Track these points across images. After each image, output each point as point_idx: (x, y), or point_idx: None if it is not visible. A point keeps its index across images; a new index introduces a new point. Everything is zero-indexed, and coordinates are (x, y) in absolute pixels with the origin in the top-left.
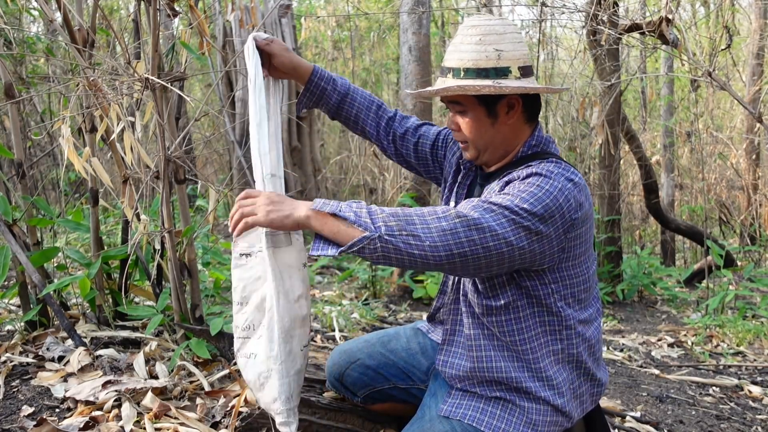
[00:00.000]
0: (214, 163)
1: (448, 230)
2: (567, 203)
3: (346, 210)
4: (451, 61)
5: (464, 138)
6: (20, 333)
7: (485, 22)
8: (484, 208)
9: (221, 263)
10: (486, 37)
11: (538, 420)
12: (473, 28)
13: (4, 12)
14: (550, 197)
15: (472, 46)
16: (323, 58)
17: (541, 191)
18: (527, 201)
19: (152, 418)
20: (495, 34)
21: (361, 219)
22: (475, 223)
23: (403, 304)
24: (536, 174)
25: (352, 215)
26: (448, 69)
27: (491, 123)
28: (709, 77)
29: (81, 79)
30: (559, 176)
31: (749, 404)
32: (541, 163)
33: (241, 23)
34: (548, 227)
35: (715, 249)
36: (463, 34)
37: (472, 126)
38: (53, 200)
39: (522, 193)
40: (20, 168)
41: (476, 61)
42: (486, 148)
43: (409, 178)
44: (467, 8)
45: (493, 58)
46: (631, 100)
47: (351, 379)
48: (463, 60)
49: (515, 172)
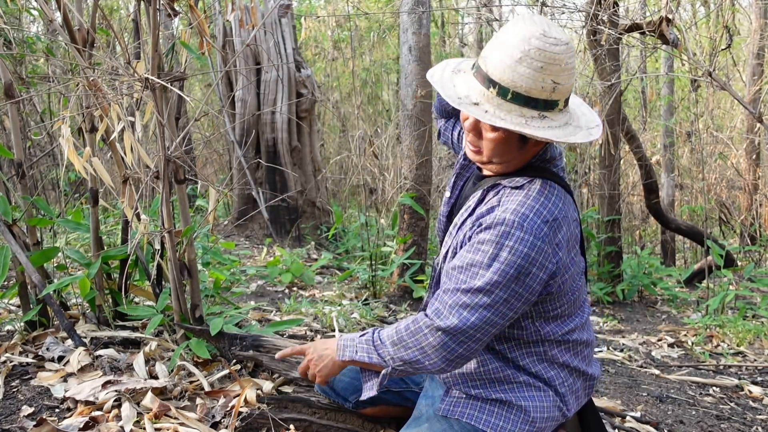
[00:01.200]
0: (214, 163)
1: (440, 346)
2: (542, 254)
3: (361, 355)
4: (503, 75)
5: (481, 147)
6: (20, 333)
7: (552, 48)
8: (459, 305)
9: (221, 263)
10: (549, 67)
11: (536, 417)
12: (539, 52)
13: (4, 12)
14: (520, 257)
15: (532, 72)
16: (323, 58)
17: (512, 253)
18: (498, 271)
19: (152, 418)
20: (558, 64)
21: (374, 359)
22: (459, 330)
23: (403, 304)
24: (504, 228)
25: (366, 357)
26: (494, 82)
27: (518, 147)
28: (710, 77)
29: (81, 79)
30: (530, 224)
31: (749, 404)
32: (517, 197)
33: (241, 23)
34: (528, 283)
35: (715, 249)
36: (521, 51)
37: (499, 145)
38: (53, 200)
39: (493, 262)
40: (20, 168)
41: (529, 90)
42: (500, 163)
43: (409, 177)
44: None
45: (548, 90)
46: (631, 100)
47: (342, 384)
48: (516, 83)
49: (493, 197)
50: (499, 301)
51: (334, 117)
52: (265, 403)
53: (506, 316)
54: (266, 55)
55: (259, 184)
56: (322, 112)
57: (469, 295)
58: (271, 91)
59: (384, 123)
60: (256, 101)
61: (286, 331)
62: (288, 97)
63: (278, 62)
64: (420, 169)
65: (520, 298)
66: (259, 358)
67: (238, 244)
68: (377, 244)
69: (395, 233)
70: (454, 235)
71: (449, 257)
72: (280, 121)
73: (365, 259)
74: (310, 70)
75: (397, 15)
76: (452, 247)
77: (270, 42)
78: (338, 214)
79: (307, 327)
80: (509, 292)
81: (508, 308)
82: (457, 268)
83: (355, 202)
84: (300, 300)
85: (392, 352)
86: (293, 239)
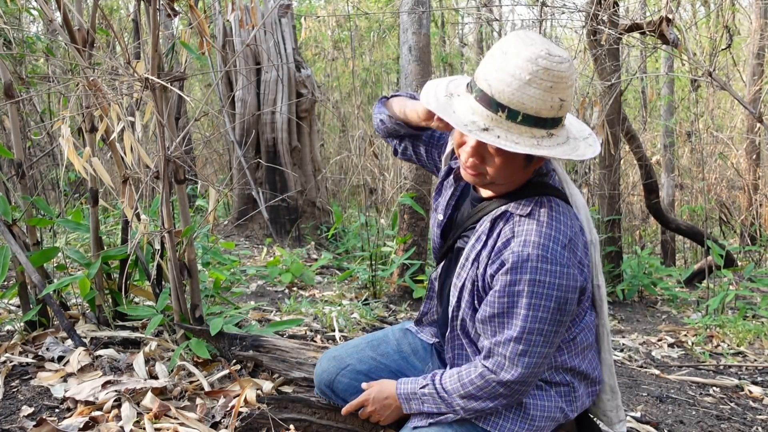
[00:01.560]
0: (214, 163)
1: (512, 393)
2: (571, 278)
3: (429, 407)
4: (511, 98)
5: (485, 171)
6: (20, 333)
7: (559, 67)
8: (518, 354)
9: (221, 263)
10: (557, 85)
11: (536, 415)
12: (548, 72)
13: (4, 12)
14: (556, 289)
15: (541, 92)
16: (323, 58)
17: (548, 288)
18: (541, 308)
19: (152, 418)
20: (563, 81)
21: (443, 410)
22: (526, 375)
23: (403, 304)
24: (532, 265)
25: (435, 409)
26: (503, 106)
27: (524, 167)
28: (710, 77)
29: (81, 79)
30: (553, 254)
31: (749, 404)
32: (531, 227)
33: (241, 23)
34: (568, 309)
35: (715, 249)
36: (529, 72)
37: (504, 167)
38: (53, 200)
39: (533, 302)
40: (20, 168)
41: (539, 110)
42: (504, 184)
43: (409, 178)
44: (467, 8)
45: (555, 108)
46: (631, 100)
47: (342, 386)
48: (525, 105)
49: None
50: (550, 334)
51: (334, 117)
52: (265, 403)
53: (556, 342)
54: (266, 55)
55: (259, 184)
56: (322, 112)
57: (524, 342)
58: (271, 91)
59: None
60: (256, 101)
61: (286, 331)
62: (288, 97)
63: (278, 62)
64: (420, 169)
65: (564, 324)
66: (259, 358)
67: (238, 244)
68: (377, 244)
69: (395, 233)
70: (468, 268)
71: (467, 289)
72: (280, 121)
73: (365, 259)
74: (310, 70)
75: (397, 15)
76: (470, 280)
77: (270, 42)
78: (338, 214)
79: (307, 327)
80: (555, 323)
81: (557, 336)
82: (498, 316)
83: (355, 202)
84: (300, 300)
85: (462, 404)
86: (293, 239)
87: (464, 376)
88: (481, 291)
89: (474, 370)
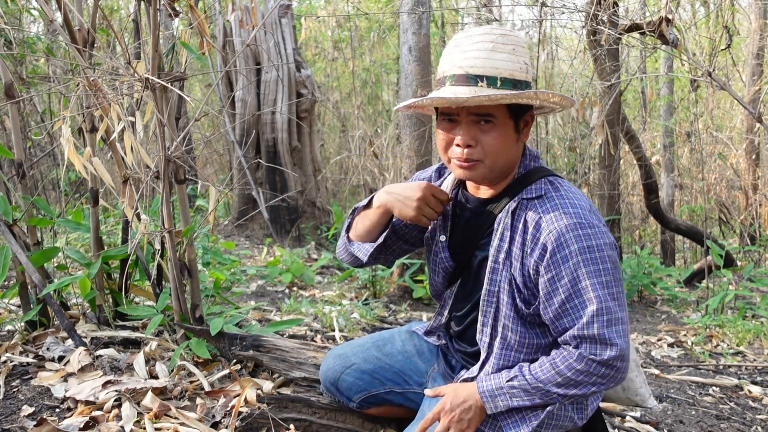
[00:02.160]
0: (214, 163)
1: (615, 370)
2: (606, 235)
3: (520, 401)
4: (485, 69)
5: (481, 156)
6: (20, 333)
7: (511, 33)
8: (605, 326)
9: (221, 263)
10: (518, 49)
11: (544, 422)
12: (503, 36)
13: (4, 12)
14: (603, 246)
15: (507, 55)
16: (323, 58)
17: (595, 250)
18: (601, 272)
19: (152, 418)
20: (521, 47)
21: (537, 401)
22: (624, 347)
23: (403, 303)
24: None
25: (528, 402)
26: (480, 76)
27: (515, 139)
28: (709, 77)
29: (81, 79)
30: (583, 214)
31: (749, 404)
32: (553, 203)
33: (241, 23)
34: (619, 266)
35: (715, 249)
36: (490, 41)
37: (501, 142)
38: (53, 200)
39: (591, 269)
40: (20, 168)
41: (513, 72)
42: (502, 168)
43: (409, 178)
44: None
45: (524, 71)
46: (631, 100)
47: (346, 384)
48: (499, 69)
49: (530, 213)
50: (620, 295)
51: (334, 117)
52: (265, 403)
53: (626, 304)
54: (266, 55)
55: (259, 184)
56: (322, 112)
57: (606, 312)
58: (271, 91)
59: (384, 123)
60: (256, 101)
61: (286, 331)
62: (288, 97)
63: (278, 62)
64: (420, 169)
65: (622, 282)
66: (259, 358)
67: (238, 244)
68: None
69: None
70: (500, 269)
71: (505, 291)
72: (280, 121)
73: None
74: (310, 70)
75: (397, 15)
76: (505, 281)
77: (270, 42)
78: (338, 214)
79: (307, 327)
80: (618, 282)
81: (624, 296)
82: (568, 300)
83: (355, 202)
84: (300, 300)
85: (561, 391)
86: (293, 239)
87: (559, 363)
88: (522, 288)
89: (570, 356)
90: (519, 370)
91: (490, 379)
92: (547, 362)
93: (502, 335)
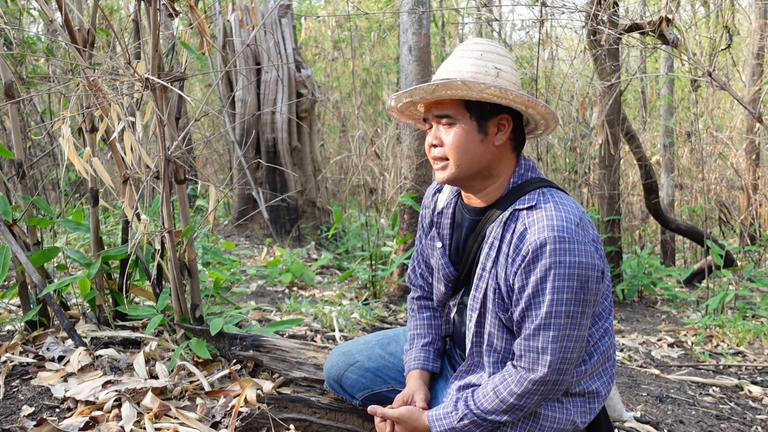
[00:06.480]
0: (214, 163)
1: (545, 392)
2: (588, 255)
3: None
4: (449, 72)
5: (444, 154)
6: (20, 333)
7: (485, 41)
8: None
9: (221, 263)
10: (487, 54)
11: (545, 426)
12: (475, 44)
13: (4, 12)
14: (579, 268)
15: (473, 60)
16: (323, 58)
17: (569, 269)
18: (570, 301)
19: (152, 418)
20: (495, 53)
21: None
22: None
23: (403, 303)
24: (549, 248)
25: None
26: (442, 80)
27: (480, 140)
28: (709, 77)
29: (81, 79)
30: (568, 231)
31: (749, 404)
32: (542, 213)
33: (241, 23)
34: (592, 289)
35: (715, 249)
36: (462, 49)
37: (460, 139)
38: (53, 200)
39: (560, 294)
40: (20, 168)
41: (475, 74)
42: (468, 167)
43: (409, 178)
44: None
45: (492, 75)
46: (631, 100)
47: (350, 381)
48: (461, 72)
49: (518, 224)
50: (576, 315)
51: (334, 117)
52: (265, 403)
53: (585, 326)
54: (266, 55)
55: (259, 184)
56: (322, 112)
57: (552, 327)
58: (271, 91)
59: (384, 123)
60: (256, 101)
61: (286, 331)
62: (288, 97)
63: (278, 62)
64: (420, 169)
65: (590, 305)
66: (259, 358)
67: (238, 244)
68: (377, 244)
69: (395, 233)
70: (487, 277)
71: (490, 299)
72: (280, 121)
73: (365, 259)
74: (310, 70)
75: (397, 15)
76: (491, 289)
77: (270, 42)
78: (338, 214)
79: (307, 327)
80: (581, 303)
81: (585, 318)
82: (526, 310)
83: (355, 202)
84: (300, 300)
85: (508, 417)
86: (293, 239)
87: (501, 389)
88: (506, 297)
89: (510, 379)
90: (465, 404)
91: (442, 419)
92: (490, 390)
93: (488, 342)
